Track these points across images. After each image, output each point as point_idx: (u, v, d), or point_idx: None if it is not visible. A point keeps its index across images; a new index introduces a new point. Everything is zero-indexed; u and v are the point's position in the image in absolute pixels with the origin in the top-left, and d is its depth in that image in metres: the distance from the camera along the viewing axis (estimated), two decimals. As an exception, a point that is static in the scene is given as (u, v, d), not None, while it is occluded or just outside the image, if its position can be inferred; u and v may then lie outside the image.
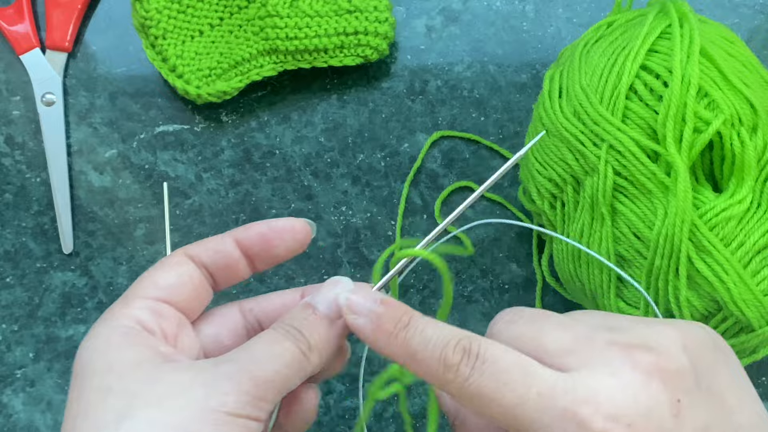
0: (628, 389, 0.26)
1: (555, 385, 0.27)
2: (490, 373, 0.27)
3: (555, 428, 0.26)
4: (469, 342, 0.28)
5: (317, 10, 0.52)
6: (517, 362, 0.28)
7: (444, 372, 0.28)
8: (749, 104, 0.40)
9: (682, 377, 0.27)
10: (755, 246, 0.39)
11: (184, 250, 0.33)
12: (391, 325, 0.30)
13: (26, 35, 0.55)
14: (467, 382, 0.28)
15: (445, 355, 0.28)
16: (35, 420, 0.49)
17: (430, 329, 0.29)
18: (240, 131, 0.54)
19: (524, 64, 0.55)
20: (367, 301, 0.30)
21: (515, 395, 0.27)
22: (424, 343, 0.29)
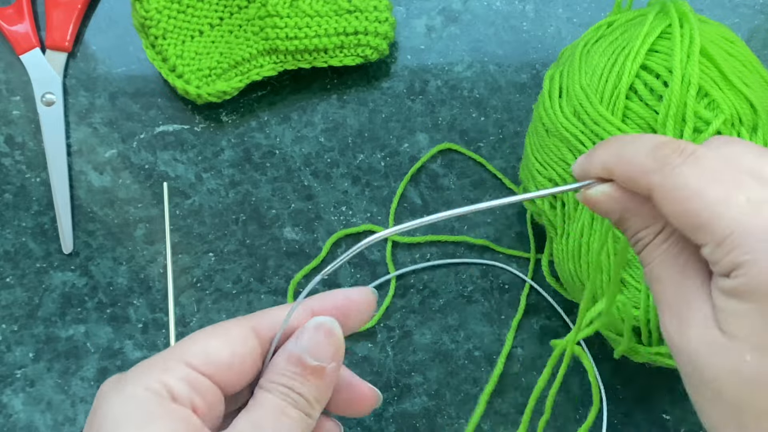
0: None
1: (766, 195, 0.26)
2: (701, 166, 0.26)
3: (752, 241, 0.26)
4: (687, 143, 0.27)
5: (317, 10, 0.52)
6: (731, 166, 0.27)
7: (652, 160, 0.27)
8: (749, 104, 0.40)
9: None
10: (755, 246, 0.39)
11: (252, 323, 0.31)
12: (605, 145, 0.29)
13: (26, 35, 0.55)
14: (675, 170, 0.27)
15: (656, 144, 0.27)
16: (35, 420, 0.49)
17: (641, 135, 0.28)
18: (240, 131, 0.54)
19: (524, 64, 0.55)
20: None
21: (722, 192, 0.26)
22: (634, 137, 0.28)
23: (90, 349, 0.50)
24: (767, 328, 0.26)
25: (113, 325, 0.50)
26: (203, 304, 0.51)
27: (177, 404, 0.28)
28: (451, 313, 0.50)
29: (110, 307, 0.51)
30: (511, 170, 0.53)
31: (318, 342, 0.30)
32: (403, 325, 0.50)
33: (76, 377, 0.49)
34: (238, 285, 0.51)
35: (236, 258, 0.51)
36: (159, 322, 0.50)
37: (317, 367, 0.30)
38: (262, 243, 0.52)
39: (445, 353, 0.50)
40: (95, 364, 0.50)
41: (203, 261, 0.51)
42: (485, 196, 0.52)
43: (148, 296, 0.51)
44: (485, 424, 0.48)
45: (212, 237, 0.52)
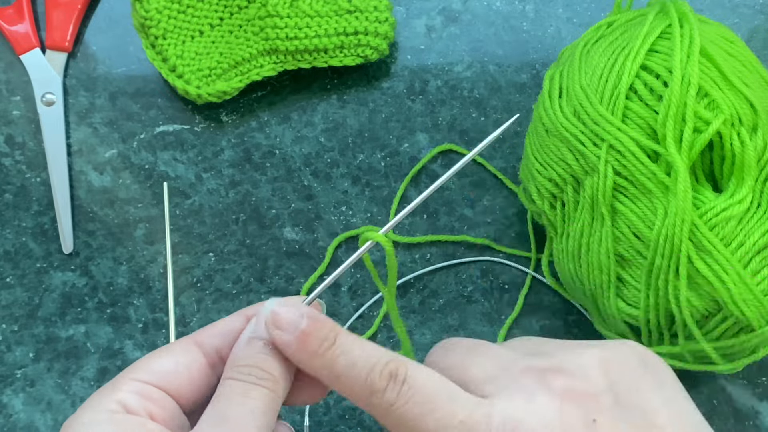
0: (542, 413, 0.27)
1: (474, 412, 0.27)
2: (416, 400, 0.28)
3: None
4: (396, 366, 0.28)
5: (317, 10, 0.52)
6: (442, 388, 0.28)
7: (369, 396, 0.28)
8: (749, 104, 0.40)
9: (597, 397, 0.27)
10: (755, 246, 0.39)
11: (193, 337, 0.33)
12: (317, 343, 0.29)
13: (26, 35, 0.55)
14: (392, 407, 0.28)
15: (371, 380, 0.28)
16: (35, 420, 0.49)
17: (357, 350, 0.29)
18: (240, 131, 0.54)
19: (524, 64, 0.55)
20: (292, 316, 0.30)
21: (439, 423, 0.27)
22: (350, 365, 0.29)
23: (90, 349, 0.50)
24: None
25: (113, 325, 0.50)
26: (203, 304, 0.51)
27: (131, 415, 0.29)
28: (451, 313, 0.50)
29: (110, 307, 0.51)
30: (511, 170, 0.53)
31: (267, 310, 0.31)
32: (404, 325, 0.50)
33: (76, 377, 0.49)
34: (238, 285, 0.51)
35: (236, 258, 0.51)
36: (159, 322, 0.50)
37: (278, 343, 0.31)
38: (262, 243, 0.52)
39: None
40: (95, 364, 0.50)
41: (203, 261, 0.51)
42: (485, 196, 0.52)
43: (148, 296, 0.51)
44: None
45: (212, 237, 0.52)
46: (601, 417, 0.27)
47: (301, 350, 0.29)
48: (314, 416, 0.49)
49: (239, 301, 0.51)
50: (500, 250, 0.51)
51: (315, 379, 0.33)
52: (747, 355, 0.42)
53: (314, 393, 0.34)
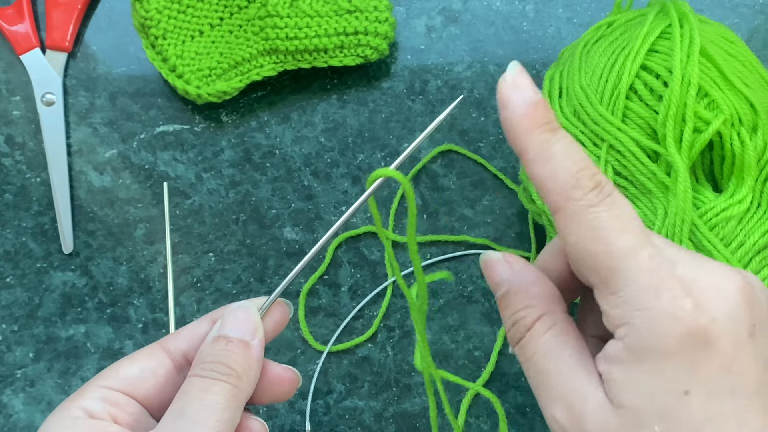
0: (722, 291, 0.27)
1: (664, 256, 0.27)
2: (616, 213, 0.27)
3: (644, 299, 0.26)
4: (606, 181, 0.27)
5: (317, 10, 0.52)
6: (638, 220, 0.27)
7: (572, 189, 0.27)
8: (749, 104, 0.40)
9: (760, 309, 0.27)
10: (755, 246, 0.39)
11: (160, 342, 0.33)
12: (543, 119, 0.28)
13: (26, 35, 0.55)
14: (591, 209, 0.27)
15: (581, 175, 0.27)
16: (35, 420, 0.49)
17: (575, 147, 0.28)
18: (240, 131, 0.54)
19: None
20: (530, 89, 0.28)
21: (628, 244, 0.26)
22: (565, 153, 0.27)
23: (90, 349, 0.50)
24: (665, 390, 0.26)
25: (113, 325, 0.50)
26: (203, 304, 0.51)
27: (94, 419, 0.30)
28: (451, 313, 0.50)
29: (110, 307, 0.51)
30: (511, 170, 0.53)
31: (237, 319, 0.32)
32: (403, 325, 0.50)
33: (77, 377, 0.49)
34: (238, 285, 0.51)
35: (236, 258, 0.51)
36: (159, 322, 0.50)
37: (241, 340, 0.32)
38: (262, 243, 0.52)
39: (445, 353, 0.50)
40: (95, 364, 0.50)
41: (203, 261, 0.51)
42: (485, 196, 0.52)
43: (148, 296, 0.51)
44: (485, 424, 0.48)
45: (212, 237, 0.52)
46: (759, 327, 0.27)
47: (525, 119, 0.28)
48: (314, 416, 0.49)
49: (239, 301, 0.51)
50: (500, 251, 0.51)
51: (282, 376, 0.34)
52: (747, 355, 0.42)
53: (282, 391, 0.34)
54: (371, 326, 0.50)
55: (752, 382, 0.26)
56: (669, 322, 0.26)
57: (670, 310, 0.26)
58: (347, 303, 0.50)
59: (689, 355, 0.26)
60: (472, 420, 0.48)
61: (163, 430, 0.29)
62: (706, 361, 0.26)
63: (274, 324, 0.34)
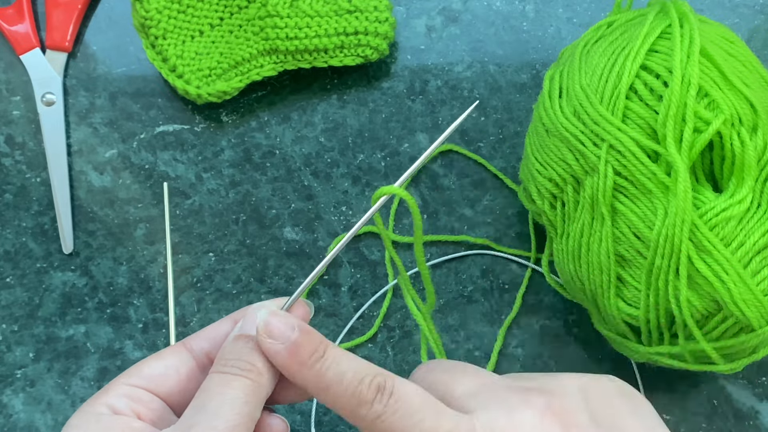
0: (522, 426, 0.28)
1: (459, 425, 0.28)
2: (402, 413, 0.28)
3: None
4: (384, 379, 0.29)
5: (317, 10, 0.52)
6: (427, 402, 0.29)
7: (357, 407, 0.29)
8: (749, 104, 0.40)
9: (575, 413, 0.28)
10: (755, 246, 0.39)
11: (184, 342, 0.34)
12: (307, 354, 0.30)
13: (26, 35, 0.55)
14: (380, 419, 0.28)
15: (359, 391, 0.29)
16: (35, 420, 0.49)
17: (345, 363, 0.29)
18: (240, 131, 0.54)
19: (524, 64, 0.55)
20: (285, 326, 0.30)
21: (430, 427, 0.28)
22: (338, 376, 0.29)
23: (90, 349, 0.50)
24: None
25: (113, 325, 0.50)
26: (203, 304, 0.51)
27: (118, 415, 0.31)
28: (451, 313, 0.50)
29: (110, 307, 0.51)
30: (511, 170, 0.53)
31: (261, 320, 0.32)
32: (403, 325, 0.50)
33: (77, 377, 0.49)
34: (238, 285, 0.51)
35: (236, 258, 0.51)
36: (159, 322, 0.50)
37: (269, 352, 0.32)
38: (262, 243, 0.52)
39: (445, 353, 0.50)
40: (95, 364, 0.50)
41: (203, 261, 0.51)
42: (485, 196, 0.52)
43: (148, 296, 0.51)
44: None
45: (212, 237, 0.52)
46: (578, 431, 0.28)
47: (292, 361, 0.30)
48: (314, 416, 0.49)
49: (239, 301, 0.51)
50: (500, 250, 0.51)
51: None
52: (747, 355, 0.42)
53: (302, 390, 0.34)
54: (371, 326, 0.50)
55: None
56: None
57: None
58: (347, 303, 0.50)
59: None
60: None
61: (184, 422, 0.30)
62: None
63: None
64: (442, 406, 0.29)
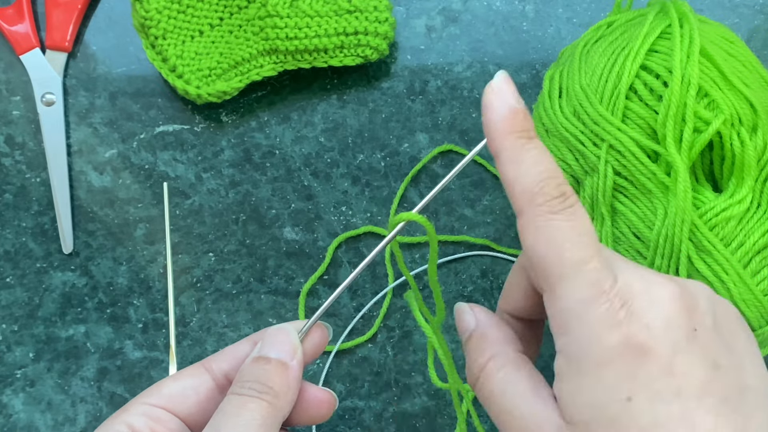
0: (657, 300, 0.28)
1: (609, 268, 0.28)
2: (573, 224, 0.28)
3: (586, 303, 0.27)
4: (571, 193, 0.29)
5: (317, 10, 0.52)
6: (591, 233, 0.28)
7: (536, 193, 0.28)
8: (749, 104, 0.40)
9: (702, 314, 0.28)
10: (755, 246, 0.39)
11: (203, 362, 0.35)
12: (521, 126, 0.29)
13: (26, 35, 0.55)
14: (551, 216, 0.28)
15: (546, 183, 0.28)
16: (35, 420, 0.49)
17: (547, 156, 0.29)
18: (240, 131, 0.54)
19: (524, 64, 0.55)
20: (512, 95, 0.30)
21: (579, 254, 0.27)
22: (536, 160, 0.29)
23: (90, 349, 0.50)
24: (608, 399, 0.26)
25: (113, 325, 0.50)
26: (203, 304, 0.51)
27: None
28: (451, 313, 0.50)
29: (110, 307, 0.51)
30: (511, 170, 0.53)
31: (277, 341, 0.33)
32: (403, 325, 0.50)
33: (77, 377, 0.49)
34: (238, 285, 0.51)
35: (236, 258, 0.51)
36: (159, 322, 0.50)
37: (280, 361, 0.32)
38: (262, 243, 0.52)
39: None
40: (95, 364, 0.50)
41: (203, 261, 0.51)
42: (485, 196, 0.52)
43: (148, 296, 0.51)
44: (485, 424, 0.48)
45: (212, 237, 0.52)
46: (701, 331, 0.28)
47: (506, 121, 0.29)
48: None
49: (239, 301, 0.51)
50: (500, 250, 0.51)
51: (320, 398, 0.34)
52: (747, 355, 0.42)
53: (319, 413, 0.35)
54: (371, 326, 0.50)
55: (697, 383, 0.27)
56: (603, 332, 0.27)
57: (605, 320, 0.27)
58: (347, 303, 0.50)
59: (626, 363, 0.26)
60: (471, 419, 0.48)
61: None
62: (643, 367, 0.26)
63: (313, 346, 0.35)
64: (601, 246, 0.29)
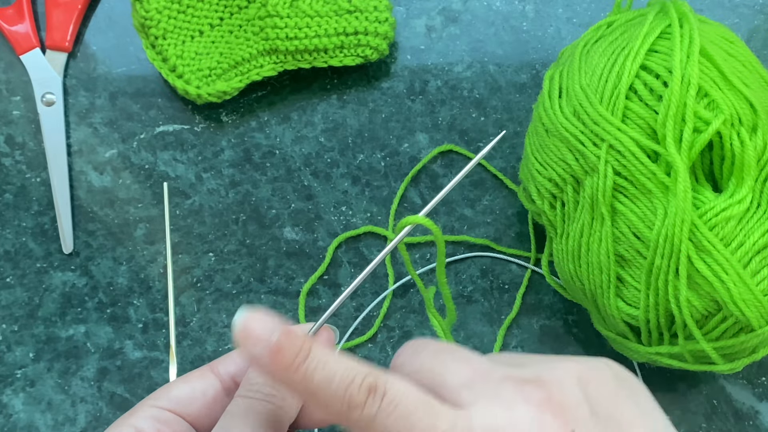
0: (521, 423, 0.27)
1: (456, 425, 0.27)
2: (397, 414, 0.27)
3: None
4: (375, 379, 0.27)
5: (317, 10, 0.52)
6: (422, 401, 0.27)
7: (349, 411, 0.27)
8: (749, 104, 0.40)
9: (574, 408, 0.27)
10: (755, 246, 0.39)
11: (210, 365, 0.35)
12: (290, 357, 0.28)
13: (26, 35, 0.55)
14: (374, 422, 0.27)
15: (350, 394, 0.27)
16: (35, 420, 0.49)
17: (333, 363, 0.28)
18: (240, 131, 0.54)
19: (524, 64, 0.55)
20: (262, 329, 0.28)
21: (426, 425, 0.27)
22: (327, 379, 0.27)
23: (90, 349, 0.50)
24: None
25: (113, 325, 0.50)
26: (203, 304, 0.51)
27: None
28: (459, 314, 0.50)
29: (110, 307, 0.51)
30: (511, 170, 0.53)
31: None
32: (403, 325, 0.50)
33: (77, 377, 0.49)
34: (238, 285, 0.51)
35: (236, 258, 0.51)
36: (159, 322, 0.50)
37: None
38: (262, 243, 0.52)
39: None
40: (95, 364, 0.50)
41: (203, 261, 0.51)
42: (485, 196, 0.52)
43: (148, 296, 0.51)
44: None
45: (212, 237, 0.52)
46: (579, 427, 0.27)
47: (275, 364, 0.28)
48: (314, 416, 0.49)
49: (239, 301, 0.51)
50: (500, 250, 0.51)
51: None
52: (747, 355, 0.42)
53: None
54: (371, 326, 0.50)
55: None
56: None
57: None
58: (347, 303, 0.50)
59: None
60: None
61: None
62: None
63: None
64: (436, 403, 0.28)
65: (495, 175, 0.52)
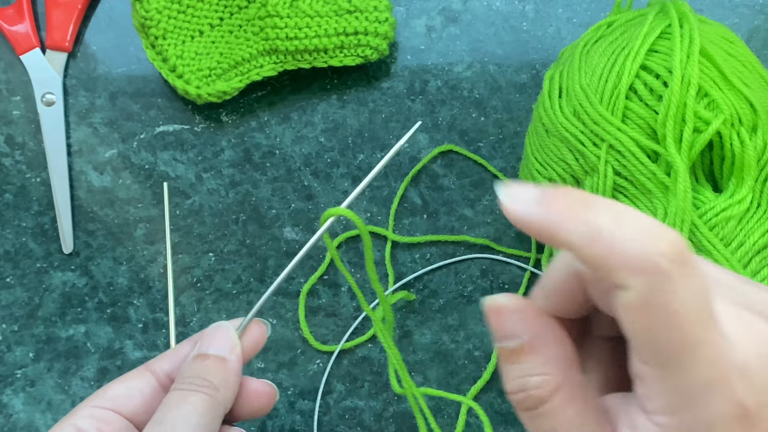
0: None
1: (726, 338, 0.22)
2: (695, 288, 0.21)
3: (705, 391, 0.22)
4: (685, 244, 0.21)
5: (317, 10, 0.52)
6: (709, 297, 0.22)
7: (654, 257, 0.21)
8: (749, 104, 0.40)
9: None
10: (755, 246, 0.39)
11: (147, 365, 0.37)
12: (565, 200, 0.22)
13: (26, 35, 0.55)
14: (671, 289, 0.21)
15: (659, 250, 0.21)
16: (35, 420, 0.49)
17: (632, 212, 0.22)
18: (240, 131, 0.54)
19: (524, 64, 0.55)
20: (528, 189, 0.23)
21: (702, 331, 0.21)
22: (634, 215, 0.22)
23: (90, 349, 0.50)
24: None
25: (113, 325, 0.50)
26: (203, 304, 0.51)
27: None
28: (451, 313, 0.50)
29: (110, 307, 0.51)
30: (511, 170, 0.53)
31: (215, 338, 0.35)
32: (403, 325, 0.50)
33: (77, 377, 0.49)
34: (238, 285, 0.51)
35: (236, 258, 0.51)
36: (159, 322, 0.50)
37: (218, 356, 0.35)
38: (262, 243, 0.52)
39: (445, 353, 0.50)
40: (95, 364, 0.50)
41: (203, 261, 0.51)
42: (485, 196, 0.52)
43: (148, 296, 0.51)
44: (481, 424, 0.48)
45: (212, 237, 0.52)
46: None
47: (549, 209, 0.22)
48: (314, 417, 0.49)
49: (239, 301, 0.51)
50: (500, 250, 0.51)
51: (260, 390, 0.36)
52: (747, 355, 0.42)
53: (260, 405, 0.36)
54: (371, 326, 0.50)
55: None
56: (724, 425, 0.22)
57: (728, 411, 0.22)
58: (347, 303, 0.50)
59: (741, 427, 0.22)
60: (472, 420, 0.48)
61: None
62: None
63: (252, 342, 0.37)
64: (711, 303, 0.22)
65: (495, 175, 0.52)
